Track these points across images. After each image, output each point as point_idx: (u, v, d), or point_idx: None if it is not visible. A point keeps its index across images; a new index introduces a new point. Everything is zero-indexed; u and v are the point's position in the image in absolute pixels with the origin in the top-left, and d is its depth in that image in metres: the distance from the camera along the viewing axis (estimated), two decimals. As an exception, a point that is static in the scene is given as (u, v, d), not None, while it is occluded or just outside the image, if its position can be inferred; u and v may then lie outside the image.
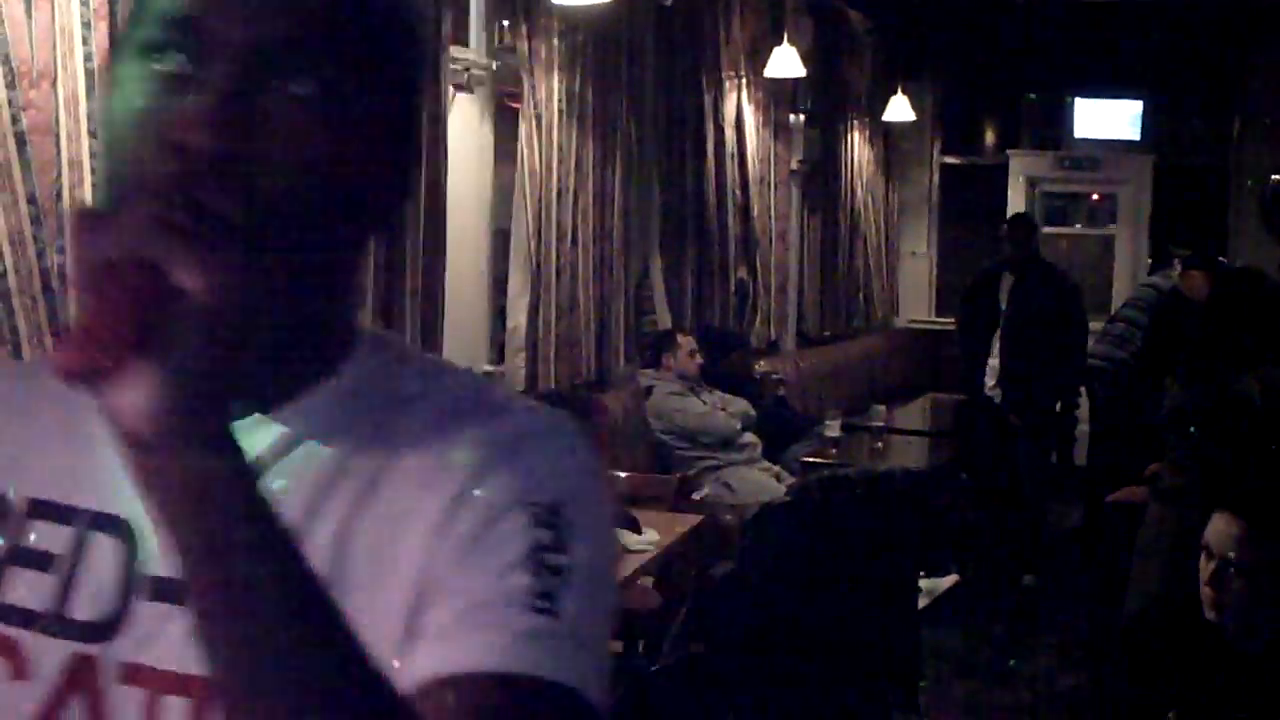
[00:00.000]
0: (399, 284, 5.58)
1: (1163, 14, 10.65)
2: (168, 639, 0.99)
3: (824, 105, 10.62)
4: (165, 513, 0.85)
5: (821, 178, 10.78)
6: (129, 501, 0.97)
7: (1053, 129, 12.53)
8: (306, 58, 0.95)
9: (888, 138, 12.09)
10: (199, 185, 0.87)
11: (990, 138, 13.04)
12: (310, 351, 1.04)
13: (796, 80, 9.23)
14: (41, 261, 4.10)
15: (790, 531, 4.91)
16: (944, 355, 11.66)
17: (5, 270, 3.98)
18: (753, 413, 7.67)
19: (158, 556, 1.00)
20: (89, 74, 4.17)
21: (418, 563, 0.97)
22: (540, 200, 6.62)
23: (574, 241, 6.91)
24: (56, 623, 1.02)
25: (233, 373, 0.85)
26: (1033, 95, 12.60)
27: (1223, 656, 3.14)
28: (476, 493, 0.99)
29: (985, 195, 12.48)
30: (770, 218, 9.52)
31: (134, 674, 1.00)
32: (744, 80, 8.85)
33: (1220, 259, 8.85)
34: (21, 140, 4.01)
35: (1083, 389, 9.15)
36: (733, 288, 8.88)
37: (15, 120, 3.99)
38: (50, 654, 1.02)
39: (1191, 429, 5.38)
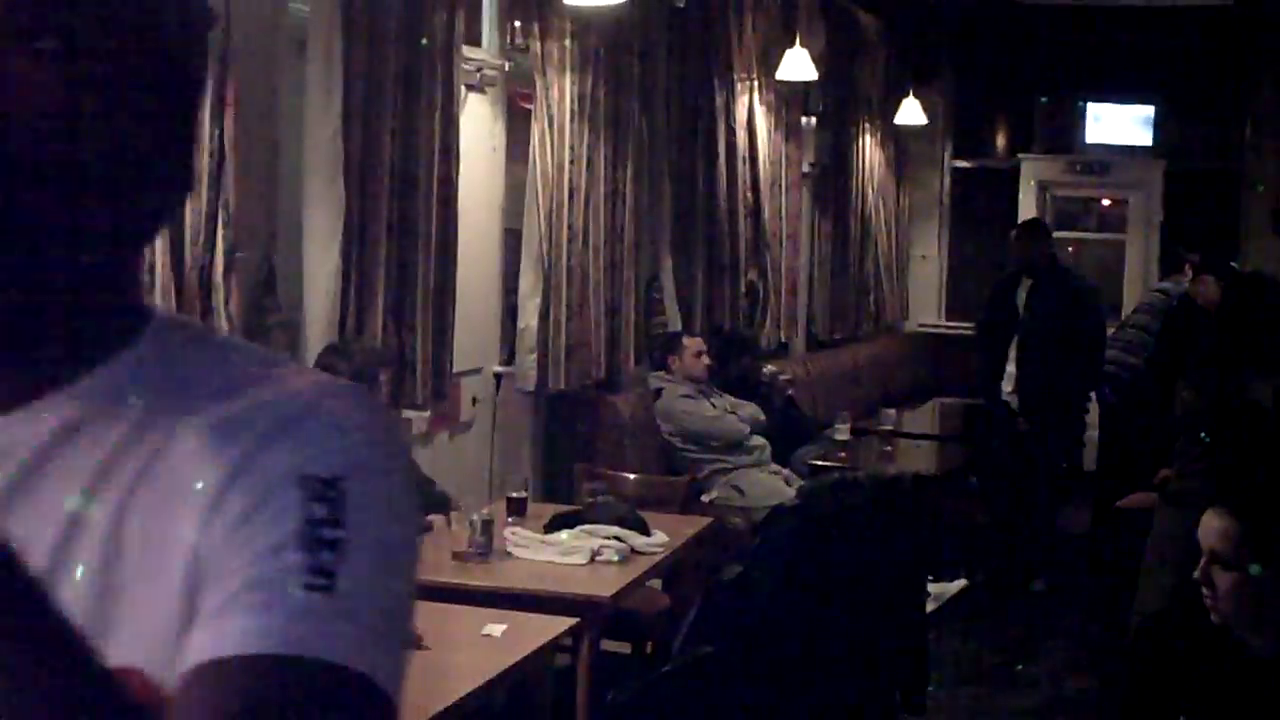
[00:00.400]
0: (411, 283, 5.59)
1: (1174, 19, 10.65)
2: None
3: (835, 108, 10.62)
4: None
5: (832, 180, 10.79)
6: None
7: (1064, 133, 12.52)
8: (52, 12, 0.91)
9: (899, 141, 12.09)
10: None
11: (1002, 142, 13.02)
12: (79, 333, 0.99)
13: (808, 83, 9.24)
14: None
15: (799, 534, 4.90)
16: (954, 359, 11.65)
17: None
18: (762, 417, 7.67)
19: None
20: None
21: (190, 542, 0.93)
22: (551, 200, 6.63)
23: (585, 242, 6.92)
24: None
25: None
26: (1044, 99, 12.59)
27: (1232, 659, 3.14)
28: (250, 468, 0.94)
29: (996, 199, 12.47)
30: (781, 220, 9.52)
31: None
32: (756, 82, 8.86)
33: (1231, 264, 8.83)
34: None
35: (1092, 394, 9.13)
36: (743, 289, 8.88)
37: None
38: None
39: (1202, 434, 5.38)
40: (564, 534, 5.03)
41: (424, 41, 5.54)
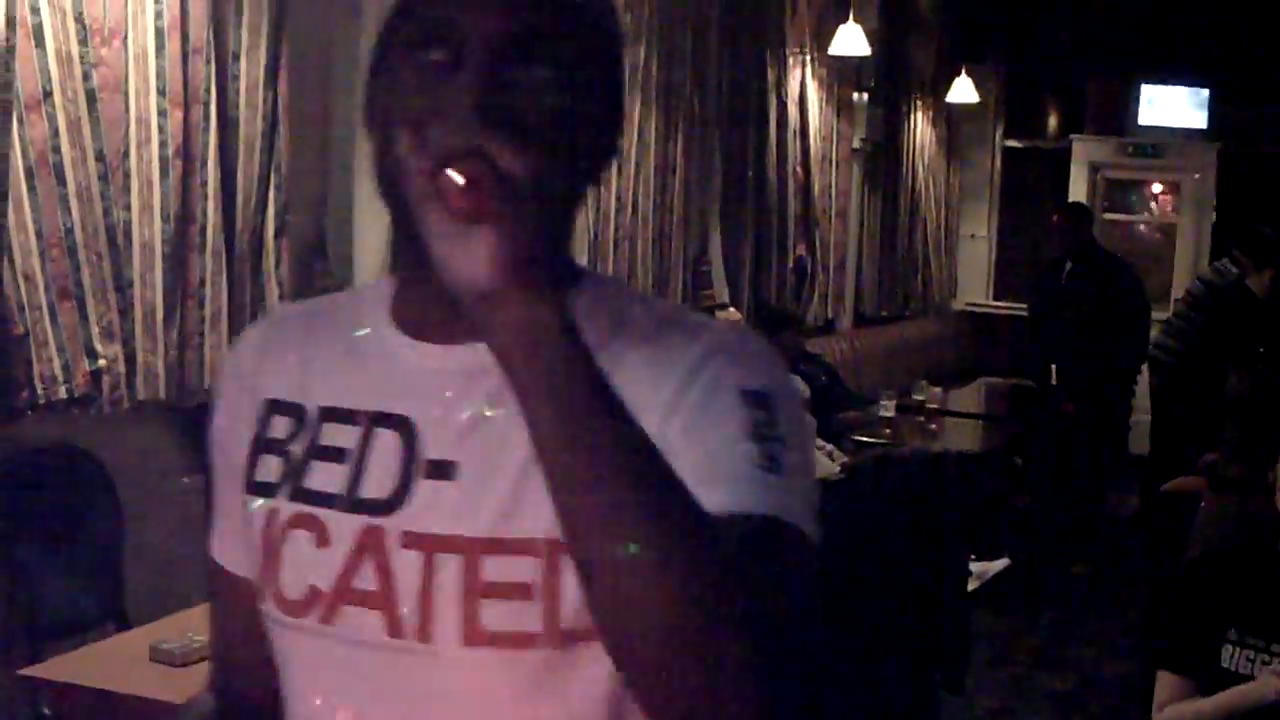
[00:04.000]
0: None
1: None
2: (441, 509, 1.25)
3: (888, 85, 10.57)
4: (500, 354, 1.07)
5: (883, 157, 10.75)
6: (404, 401, 1.28)
7: (1117, 115, 12.41)
8: (536, 47, 1.20)
9: (950, 119, 12.03)
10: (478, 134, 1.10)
11: (1054, 122, 12.93)
12: (554, 272, 1.20)
13: (861, 59, 9.19)
14: (107, 218, 4.14)
15: (842, 510, 4.90)
16: (1001, 339, 11.61)
17: (72, 225, 4.02)
18: (807, 394, 7.63)
19: (432, 443, 1.27)
20: (159, 32, 4.21)
21: (652, 434, 1.16)
22: (601, 172, 6.63)
23: (634, 213, 6.91)
24: (349, 502, 1.29)
25: (544, 245, 1.08)
26: (1098, 80, 12.49)
27: None
28: (698, 379, 1.24)
29: (1047, 180, 12.40)
30: (830, 196, 9.49)
31: (414, 539, 1.25)
32: (808, 57, 8.83)
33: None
34: (91, 97, 4.05)
35: (1138, 378, 9.10)
36: (791, 264, 8.87)
37: (86, 77, 4.03)
38: (345, 527, 1.28)
39: (1249, 418, 5.35)
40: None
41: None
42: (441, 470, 1.26)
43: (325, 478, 1.30)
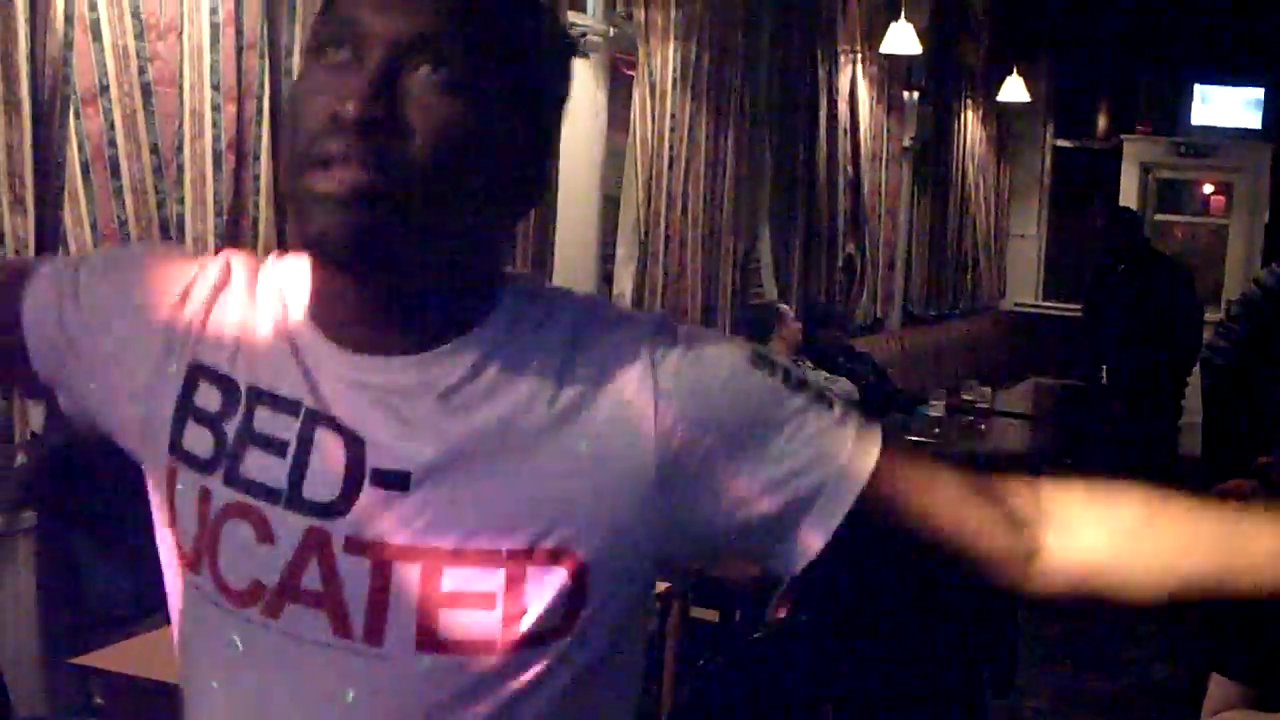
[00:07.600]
0: (510, 246, 5.61)
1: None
2: (394, 519, 1.23)
3: (938, 83, 10.53)
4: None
5: (933, 156, 10.71)
6: (339, 405, 1.26)
7: (1169, 114, 12.34)
8: (438, 50, 1.18)
9: (1001, 118, 11.98)
10: (351, 151, 1.16)
11: (1104, 122, 12.86)
12: (473, 293, 1.28)
13: (912, 57, 9.16)
14: (161, 211, 4.16)
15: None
16: (1050, 340, 11.55)
17: (126, 218, 4.05)
18: (856, 396, 7.60)
19: (379, 452, 1.24)
20: (214, 28, 4.23)
21: (649, 447, 1.25)
22: (651, 168, 6.62)
23: (684, 210, 6.91)
24: (294, 501, 1.26)
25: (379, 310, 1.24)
26: (1150, 79, 12.41)
27: None
28: (699, 385, 1.26)
29: (1097, 180, 12.33)
30: (880, 194, 9.47)
31: (362, 546, 1.24)
32: (859, 55, 8.80)
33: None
34: (147, 91, 4.07)
35: (1189, 379, 9.06)
36: (840, 263, 8.85)
37: (142, 71, 4.05)
38: (289, 525, 1.26)
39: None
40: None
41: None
42: (391, 480, 1.24)
43: (264, 468, 1.28)
